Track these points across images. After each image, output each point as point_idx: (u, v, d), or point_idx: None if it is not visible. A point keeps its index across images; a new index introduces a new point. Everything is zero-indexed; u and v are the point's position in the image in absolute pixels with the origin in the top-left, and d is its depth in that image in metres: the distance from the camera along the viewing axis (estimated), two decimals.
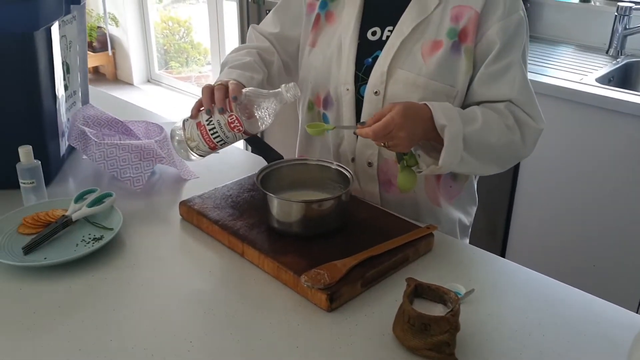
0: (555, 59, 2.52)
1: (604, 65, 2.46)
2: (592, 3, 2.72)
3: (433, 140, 1.21)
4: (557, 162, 2.28)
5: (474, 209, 1.52)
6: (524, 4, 1.28)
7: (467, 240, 1.51)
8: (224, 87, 1.21)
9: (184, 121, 1.25)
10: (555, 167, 2.30)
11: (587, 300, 1.08)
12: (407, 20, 1.28)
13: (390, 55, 1.28)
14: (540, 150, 2.29)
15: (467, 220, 1.49)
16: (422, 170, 1.23)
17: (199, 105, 1.23)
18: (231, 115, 1.19)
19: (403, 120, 1.13)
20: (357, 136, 1.33)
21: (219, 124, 1.20)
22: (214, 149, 1.25)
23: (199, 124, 1.22)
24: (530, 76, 1.29)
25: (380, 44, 1.31)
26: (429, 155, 1.24)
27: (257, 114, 1.20)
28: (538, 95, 1.30)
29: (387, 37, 1.30)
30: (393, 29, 1.29)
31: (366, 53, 1.32)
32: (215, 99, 1.19)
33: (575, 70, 2.38)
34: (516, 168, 2.40)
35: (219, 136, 1.21)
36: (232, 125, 1.20)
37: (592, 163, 2.20)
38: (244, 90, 1.22)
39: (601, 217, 2.22)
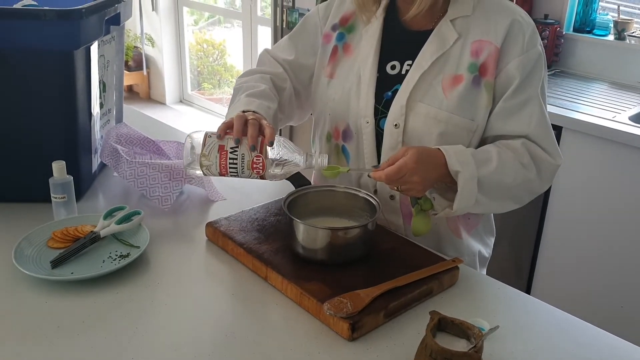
0: (588, 96, 2.50)
1: (637, 104, 2.44)
2: (627, 41, 2.70)
3: (449, 183, 1.21)
4: (587, 200, 2.25)
5: (492, 240, 1.51)
6: (558, 39, 1.28)
7: (485, 271, 1.49)
8: (258, 123, 1.17)
9: (207, 136, 1.18)
10: (584, 205, 2.27)
11: (614, 343, 1.05)
12: (426, 54, 1.28)
13: (409, 89, 1.28)
14: (570, 188, 2.29)
15: (486, 252, 1.48)
16: (437, 212, 1.23)
17: (226, 127, 1.18)
18: (259, 156, 1.15)
19: (416, 165, 1.13)
20: None
21: (242, 158, 1.16)
22: (221, 175, 1.19)
23: (221, 148, 1.16)
24: (562, 112, 1.28)
25: (400, 77, 1.31)
26: (444, 197, 1.24)
27: (281, 164, 1.17)
28: (569, 132, 1.29)
29: (407, 70, 1.30)
30: (412, 62, 1.30)
31: (386, 86, 1.32)
32: (249, 135, 1.15)
33: (608, 108, 2.36)
34: (544, 205, 2.38)
35: (235, 168, 1.17)
36: (254, 166, 1.16)
37: (623, 202, 2.17)
38: (276, 137, 1.18)
39: (630, 257, 2.18)
